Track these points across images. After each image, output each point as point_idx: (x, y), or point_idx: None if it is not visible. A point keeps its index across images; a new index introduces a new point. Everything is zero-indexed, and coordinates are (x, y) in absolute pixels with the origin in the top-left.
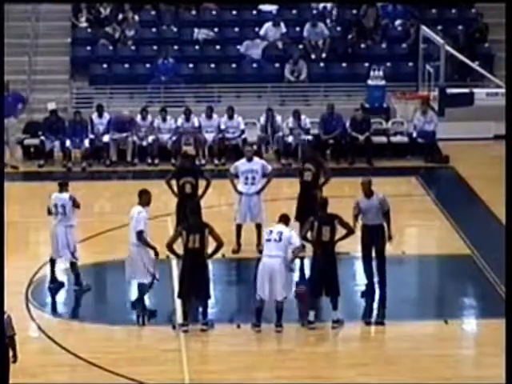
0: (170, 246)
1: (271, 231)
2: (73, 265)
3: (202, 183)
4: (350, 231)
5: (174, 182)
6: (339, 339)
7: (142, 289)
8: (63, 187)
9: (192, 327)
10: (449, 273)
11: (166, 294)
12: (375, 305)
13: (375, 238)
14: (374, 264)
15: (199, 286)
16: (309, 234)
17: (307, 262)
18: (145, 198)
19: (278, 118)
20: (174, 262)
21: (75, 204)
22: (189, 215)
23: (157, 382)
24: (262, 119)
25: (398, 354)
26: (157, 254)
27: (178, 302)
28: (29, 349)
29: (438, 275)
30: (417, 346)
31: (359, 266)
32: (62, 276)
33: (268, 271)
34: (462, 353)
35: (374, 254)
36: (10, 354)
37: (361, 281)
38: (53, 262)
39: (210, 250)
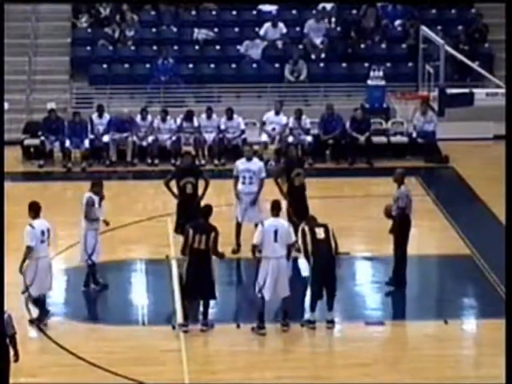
0: (184, 252)
1: (276, 231)
2: (89, 267)
3: (200, 183)
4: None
5: (173, 183)
6: (339, 339)
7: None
8: (92, 186)
9: (192, 327)
10: (449, 273)
11: (166, 294)
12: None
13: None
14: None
15: (204, 287)
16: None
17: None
18: None
19: (282, 117)
20: (174, 262)
21: (87, 209)
22: (199, 216)
23: (157, 381)
24: (267, 115)
25: (398, 354)
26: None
27: (178, 302)
28: (29, 349)
29: (438, 275)
30: (417, 346)
31: (359, 265)
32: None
33: (276, 271)
34: (461, 353)
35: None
36: (11, 353)
37: (360, 280)
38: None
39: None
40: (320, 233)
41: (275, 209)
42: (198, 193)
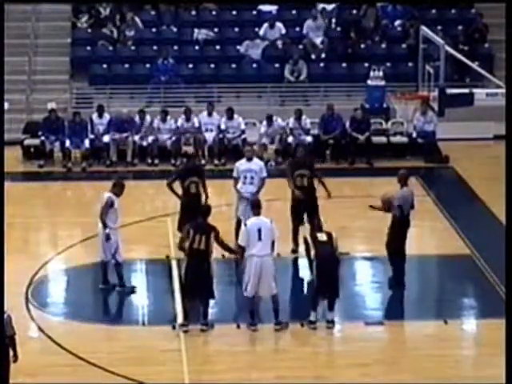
0: (181, 247)
1: (259, 230)
2: (116, 266)
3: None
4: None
5: (175, 184)
6: (339, 339)
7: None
8: (113, 187)
9: (192, 327)
10: (449, 273)
11: (166, 294)
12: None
13: None
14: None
15: (203, 287)
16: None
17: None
18: None
19: (279, 121)
20: (174, 262)
21: (105, 209)
22: (199, 216)
23: (157, 381)
24: (263, 128)
25: (398, 354)
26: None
27: (178, 302)
28: (29, 349)
29: (438, 275)
30: (417, 346)
31: (359, 265)
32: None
33: (259, 269)
34: (461, 353)
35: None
36: (11, 353)
37: (360, 280)
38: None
39: (214, 253)
40: (322, 236)
41: (256, 207)
42: (200, 192)
